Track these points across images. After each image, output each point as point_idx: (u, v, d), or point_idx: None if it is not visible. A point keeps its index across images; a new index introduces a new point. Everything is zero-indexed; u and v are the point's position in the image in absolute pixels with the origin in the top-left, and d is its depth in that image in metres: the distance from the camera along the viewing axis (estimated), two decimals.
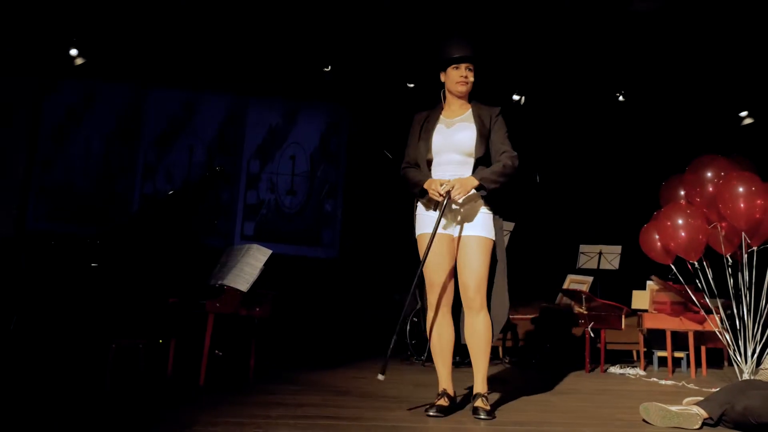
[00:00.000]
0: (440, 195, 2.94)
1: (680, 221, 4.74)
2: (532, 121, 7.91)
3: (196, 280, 3.93)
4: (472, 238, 2.98)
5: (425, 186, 2.99)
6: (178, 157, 7.79)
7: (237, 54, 7.35)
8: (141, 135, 7.78)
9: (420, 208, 3.10)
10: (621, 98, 7.88)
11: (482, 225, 3.01)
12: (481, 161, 3.03)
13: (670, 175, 5.21)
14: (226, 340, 4.42)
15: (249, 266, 3.81)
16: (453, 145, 3.03)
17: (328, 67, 7.55)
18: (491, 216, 3.05)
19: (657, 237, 4.87)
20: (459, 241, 3.02)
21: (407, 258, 7.49)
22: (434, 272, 3.01)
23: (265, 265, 3.81)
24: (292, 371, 4.47)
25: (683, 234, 4.71)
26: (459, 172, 3.02)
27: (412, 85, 7.74)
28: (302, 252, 7.87)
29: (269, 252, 3.85)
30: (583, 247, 6.81)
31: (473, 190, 2.97)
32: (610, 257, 6.72)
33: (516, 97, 7.92)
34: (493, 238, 3.02)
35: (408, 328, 5.62)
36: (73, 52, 7.18)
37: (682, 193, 5.02)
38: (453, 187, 2.92)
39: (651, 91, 7.71)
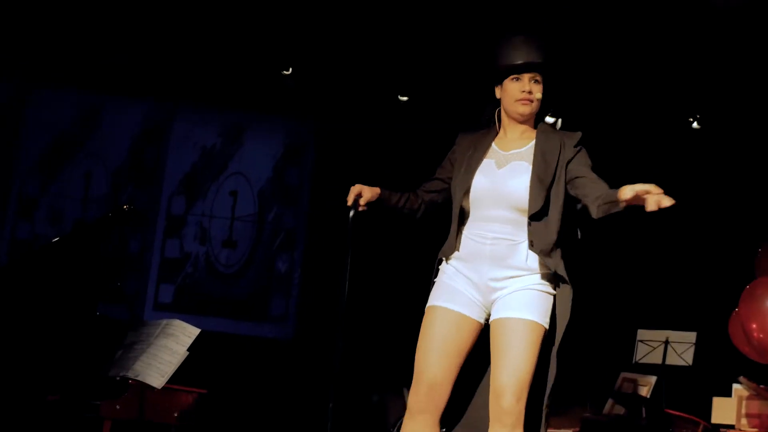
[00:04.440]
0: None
1: None
2: None
3: (88, 369, 3.89)
4: (515, 321, 2.92)
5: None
6: (70, 187, 7.73)
7: (160, 43, 7.32)
8: (16, 154, 7.69)
9: (446, 272, 3.07)
10: (695, 125, 7.94)
11: (532, 305, 2.95)
12: (536, 219, 2.97)
13: None
14: None
15: (165, 351, 3.81)
16: (504, 196, 2.98)
17: (288, 69, 7.55)
18: (548, 295, 2.98)
19: (752, 326, 4.89)
20: (494, 324, 2.97)
21: (393, 341, 7.37)
22: (428, 361, 2.97)
23: (189, 349, 3.80)
24: None
25: None
26: (512, 235, 2.97)
27: (405, 99, 7.75)
28: (243, 330, 7.82)
29: (196, 331, 3.87)
30: (642, 333, 6.79)
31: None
32: (681, 348, 6.67)
33: (549, 120, 7.95)
34: (546, 326, 2.96)
35: None
36: None
37: None
38: (650, 193, 2.81)
39: (737, 114, 7.77)
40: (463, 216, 3.05)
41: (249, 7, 6.88)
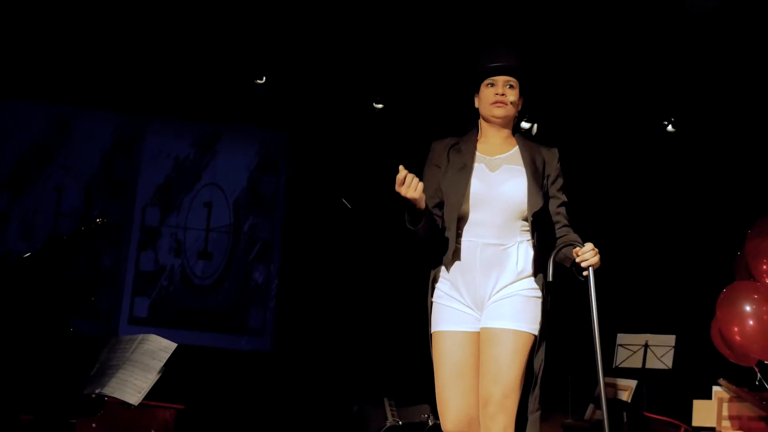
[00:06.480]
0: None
1: (746, 307, 4.80)
2: None
3: (62, 387, 3.84)
4: (502, 332, 2.95)
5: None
6: (41, 201, 7.69)
7: (131, 54, 7.28)
8: None
9: (440, 291, 3.07)
10: (670, 127, 7.98)
11: (519, 313, 2.98)
12: (538, 219, 3.00)
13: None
14: None
15: (141, 367, 3.77)
16: (500, 199, 3.00)
17: (262, 78, 7.53)
18: (536, 300, 3.03)
19: (733, 329, 4.91)
20: (483, 333, 3.00)
21: (373, 351, 7.34)
22: (451, 389, 3.01)
23: (166, 364, 3.77)
24: None
25: (751, 323, 4.79)
26: (502, 240, 3.00)
27: (380, 106, 7.75)
28: (219, 342, 7.78)
29: (172, 345, 3.82)
30: (621, 338, 6.83)
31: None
32: (661, 352, 6.72)
33: (525, 125, 7.96)
34: (535, 333, 2.99)
35: None
36: None
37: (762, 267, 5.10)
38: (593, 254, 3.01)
39: (712, 117, 7.81)
40: (459, 221, 3.02)
41: (221, 18, 6.86)
